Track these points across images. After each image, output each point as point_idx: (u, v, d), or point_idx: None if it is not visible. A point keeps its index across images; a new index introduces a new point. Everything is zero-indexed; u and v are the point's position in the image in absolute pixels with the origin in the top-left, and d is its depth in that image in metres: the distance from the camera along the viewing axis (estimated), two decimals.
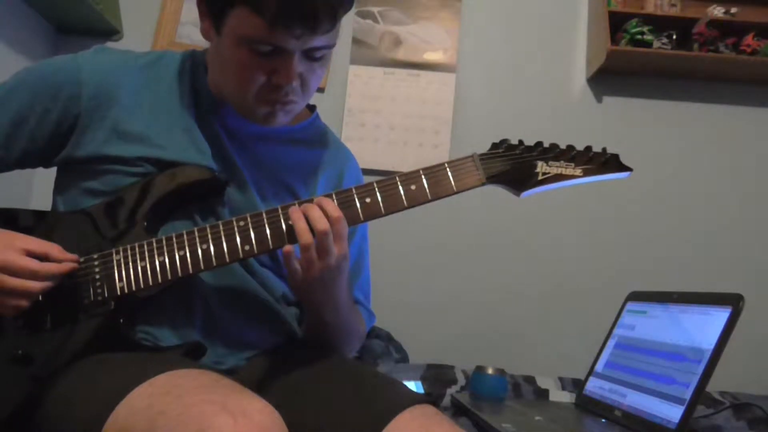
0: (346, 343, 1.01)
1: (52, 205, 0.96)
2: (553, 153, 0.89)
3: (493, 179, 0.88)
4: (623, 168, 0.91)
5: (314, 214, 0.81)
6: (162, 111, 0.93)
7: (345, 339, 1.00)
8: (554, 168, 0.89)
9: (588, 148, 0.91)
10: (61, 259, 0.82)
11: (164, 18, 2.28)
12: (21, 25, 2.08)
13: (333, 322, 0.94)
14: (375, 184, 0.86)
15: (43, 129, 0.91)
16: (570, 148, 0.90)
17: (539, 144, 0.90)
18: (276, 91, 0.87)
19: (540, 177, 0.88)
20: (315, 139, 1.06)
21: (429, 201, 0.87)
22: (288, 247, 0.82)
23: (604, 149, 0.91)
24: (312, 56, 0.87)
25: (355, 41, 2.33)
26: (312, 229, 0.80)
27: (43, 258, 0.81)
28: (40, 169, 0.99)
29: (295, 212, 0.82)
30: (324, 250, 0.81)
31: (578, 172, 0.89)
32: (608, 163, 0.90)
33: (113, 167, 0.90)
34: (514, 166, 0.88)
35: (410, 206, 0.86)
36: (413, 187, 0.86)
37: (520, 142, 0.91)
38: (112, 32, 2.25)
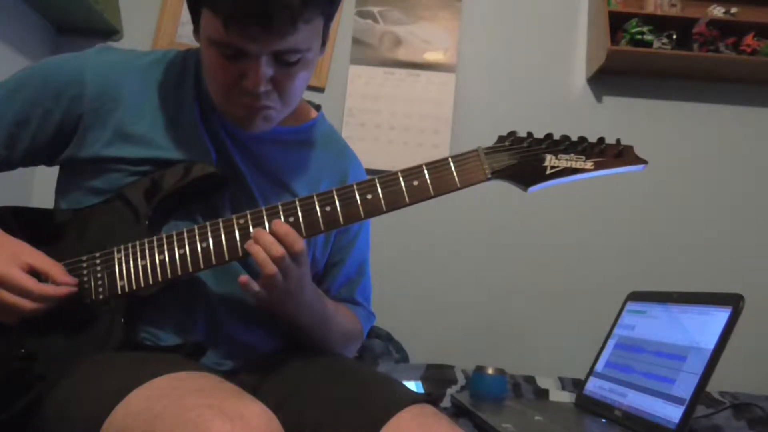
0: (334, 341, 0.99)
1: (55, 204, 0.96)
2: (563, 145, 0.86)
3: (498, 174, 0.85)
4: (638, 160, 0.87)
5: (266, 241, 0.80)
6: (166, 112, 0.93)
7: (330, 337, 0.97)
8: (564, 161, 0.85)
9: (600, 140, 0.87)
10: (60, 282, 0.81)
11: (164, 18, 2.28)
12: (21, 25, 2.08)
13: (310, 323, 0.93)
14: (376, 180, 0.85)
15: (45, 129, 0.91)
16: (582, 139, 0.87)
17: (549, 136, 0.87)
18: (248, 95, 0.84)
19: (548, 171, 0.85)
20: (319, 141, 1.04)
21: (432, 197, 0.84)
22: (243, 278, 0.82)
23: (618, 140, 0.87)
24: (284, 60, 0.82)
25: (355, 41, 2.33)
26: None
27: (43, 276, 0.80)
28: (40, 169, 0.99)
29: (252, 246, 0.81)
30: (285, 271, 0.80)
31: (589, 165, 0.85)
32: (622, 155, 0.86)
33: (117, 167, 0.90)
34: (521, 160, 0.85)
35: (412, 202, 0.84)
36: (415, 182, 0.84)
37: (529, 134, 0.87)
38: (112, 32, 2.25)
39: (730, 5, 2.21)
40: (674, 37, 2.16)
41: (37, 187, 2.15)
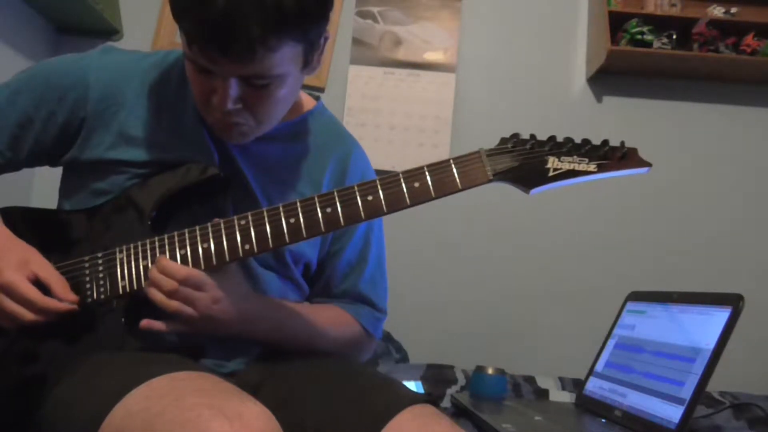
0: (326, 349, 0.96)
1: (58, 204, 0.96)
2: (565, 147, 0.85)
3: (500, 176, 0.84)
4: (642, 163, 0.86)
5: (155, 278, 0.80)
6: (168, 113, 0.93)
7: (317, 345, 0.95)
8: (566, 163, 0.84)
9: (604, 142, 0.86)
10: (63, 299, 0.80)
11: (164, 18, 2.28)
12: (21, 25, 2.08)
13: (281, 338, 0.92)
14: (378, 181, 0.85)
15: (48, 131, 0.91)
16: (585, 141, 0.86)
17: (552, 138, 0.86)
18: (219, 110, 0.83)
19: (551, 173, 0.84)
20: (317, 130, 1.02)
21: (433, 198, 0.83)
22: (144, 322, 0.82)
23: (622, 143, 0.86)
24: (253, 83, 0.81)
25: (355, 41, 2.33)
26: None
27: (46, 288, 0.80)
28: (40, 169, 0.99)
29: (149, 289, 0.81)
30: (187, 300, 0.80)
31: (592, 167, 0.84)
32: (626, 157, 0.85)
33: (120, 169, 0.90)
34: (524, 162, 0.84)
35: (413, 204, 0.84)
36: (417, 184, 0.84)
37: (532, 136, 0.86)
38: (112, 32, 2.26)
39: (730, 5, 2.21)
40: (674, 37, 2.16)
41: (37, 187, 2.16)
